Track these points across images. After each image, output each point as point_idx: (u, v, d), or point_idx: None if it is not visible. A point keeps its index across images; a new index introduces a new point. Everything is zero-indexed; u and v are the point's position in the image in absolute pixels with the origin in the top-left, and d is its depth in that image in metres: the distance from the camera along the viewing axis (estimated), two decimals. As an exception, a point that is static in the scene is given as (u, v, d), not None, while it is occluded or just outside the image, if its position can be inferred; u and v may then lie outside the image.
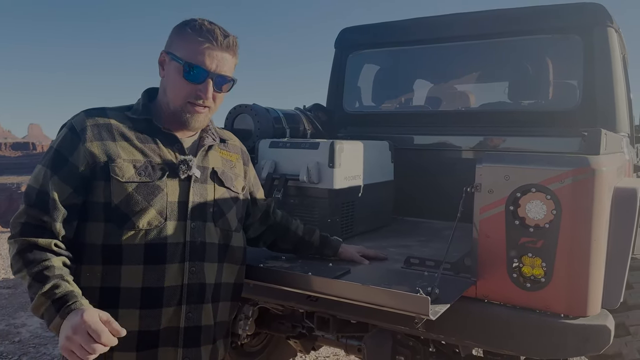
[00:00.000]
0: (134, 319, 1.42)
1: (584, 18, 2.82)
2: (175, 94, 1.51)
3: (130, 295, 1.42)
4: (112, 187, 1.41)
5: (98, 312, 1.25)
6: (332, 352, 4.13)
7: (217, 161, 1.64)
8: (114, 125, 1.48)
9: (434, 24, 3.30)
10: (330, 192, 2.35)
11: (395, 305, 1.50)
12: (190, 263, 1.48)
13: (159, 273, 1.44)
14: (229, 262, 1.62)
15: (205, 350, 1.54)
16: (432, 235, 2.62)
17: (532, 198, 1.62)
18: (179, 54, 1.48)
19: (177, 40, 1.51)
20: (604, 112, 2.73)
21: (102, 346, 1.21)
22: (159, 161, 1.49)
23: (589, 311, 1.61)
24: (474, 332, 1.75)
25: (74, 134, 1.44)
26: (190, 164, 1.51)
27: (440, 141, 3.10)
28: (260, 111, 2.79)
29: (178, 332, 1.47)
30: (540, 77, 3.07)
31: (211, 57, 1.48)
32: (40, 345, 4.29)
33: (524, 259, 1.65)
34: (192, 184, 1.52)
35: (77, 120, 1.47)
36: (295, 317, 2.58)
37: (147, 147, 1.49)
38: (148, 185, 1.44)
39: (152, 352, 1.45)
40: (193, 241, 1.49)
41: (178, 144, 1.54)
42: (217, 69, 1.50)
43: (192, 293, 1.49)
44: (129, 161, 1.44)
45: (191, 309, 1.48)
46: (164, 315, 1.45)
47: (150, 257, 1.42)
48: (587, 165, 1.58)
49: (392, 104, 3.72)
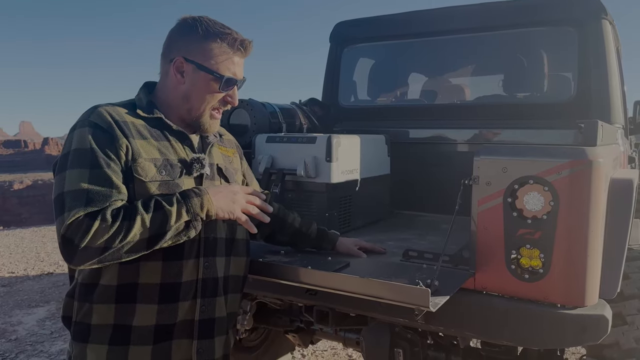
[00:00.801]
0: (152, 313, 1.44)
1: (578, 10, 2.83)
2: (205, 104, 1.54)
3: (148, 290, 1.43)
4: (136, 187, 1.39)
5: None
6: (329, 346, 4.14)
7: (219, 157, 1.67)
8: (130, 122, 1.46)
9: (429, 17, 3.30)
10: (328, 186, 2.35)
11: (395, 298, 1.51)
12: (205, 258, 1.52)
13: (177, 269, 1.46)
14: (235, 255, 1.65)
15: (219, 341, 1.57)
16: (430, 229, 2.64)
17: (530, 190, 1.63)
18: (209, 65, 1.50)
19: (203, 49, 1.50)
20: (598, 104, 2.74)
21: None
22: (175, 159, 1.50)
23: (586, 301, 1.62)
24: (472, 323, 1.76)
25: (102, 131, 1.38)
26: (204, 162, 1.54)
27: (436, 134, 3.11)
28: (257, 106, 2.78)
29: (193, 324, 1.50)
30: (535, 69, 3.08)
31: (239, 66, 1.56)
32: (37, 342, 4.29)
33: (522, 251, 1.66)
34: (204, 181, 1.55)
35: (98, 117, 1.40)
36: (294, 311, 2.59)
37: (162, 145, 1.49)
38: (169, 183, 1.45)
39: (167, 344, 1.47)
40: (207, 237, 1.52)
41: (188, 141, 1.56)
42: (241, 75, 1.58)
43: (206, 287, 1.52)
44: (149, 160, 1.43)
45: (205, 302, 1.52)
46: (180, 310, 1.47)
47: (169, 254, 1.43)
48: (585, 156, 1.59)
49: (388, 97, 3.72)
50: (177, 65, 1.51)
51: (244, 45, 1.54)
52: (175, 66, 1.51)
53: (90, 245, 1.26)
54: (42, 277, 6.35)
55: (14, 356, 4.04)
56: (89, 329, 1.44)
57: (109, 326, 1.43)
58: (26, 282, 6.08)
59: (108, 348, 1.42)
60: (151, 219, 1.31)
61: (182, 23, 1.53)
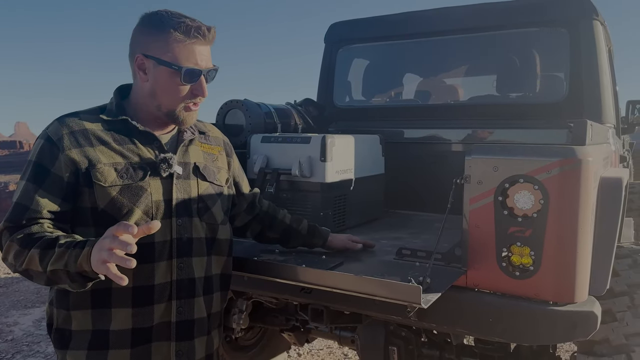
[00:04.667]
0: (127, 317, 1.43)
1: (570, 11, 2.87)
2: (173, 98, 1.49)
3: (122, 294, 1.43)
4: (96, 192, 1.40)
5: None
6: (325, 345, 4.17)
7: (199, 156, 1.62)
8: (89, 129, 1.46)
9: (423, 18, 3.32)
10: (323, 186, 2.37)
11: (388, 295, 1.53)
12: (178, 260, 1.49)
13: (149, 271, 1.44)
14: (217, 254, 1.63)
15: (200, 342, 1.56)
16: (423, 227, 2.66)
17: (521, 188, 1.65)
18: (167, 58, 1.44)
19: (159, 43, 1.45)
20: (590, 104, 2.77)
21: (131, 240, 1.17)
22: (139, 161, 1.47)
23: (576, 298, 1.65)
24: (465, 321, 1.78)
25: (51, 144, 1.42)
26: (171, 162, 1.50)
27: (430, 134, 3.13)
28: (252, 106, 2.80)
29: (170, 326, 1.49)
30: (528, 70, 3.11)
31: (202, 55, 1.48)
32: (34, 343, 4.29)
33: (512, 248, 1.69)
34: (175, 181, 1.51)
35: (52, 130, 1.44)
36: (289, 310, 2.61)
37: (126, 148, 1.47)
38: (131, 187, 1.43)
39: (146, 347, 1.47)
40: (180, 238, 1.50)
41: (157, 141, 1.52)
42: (207, 64, 1.50)
43: (182, 288, 1.50)
44: (109, 165, 1.42)
45: (182, 303, 1.50)
46: (155, 312, 1.46)
47: (139, 257, 1.38)
48: (574, 155, 1.62)
49: (382, 98, 3.75)
50: (138, 64, 1.48)
51: (201, 31, 1.45)
52: (137, 64, 1.49)
53: (5, 258, 1.36)
54: (38, 277, 6.34)
55: (10, 356, 4.04)
56: (69, 335, 1.45)
57: (87, 332, 1.43)
58: (22, 282, 6.07)
59: (87, 353, 1.43)
60: (40, 255, 1.29)
61: (141, 19, 1.49)
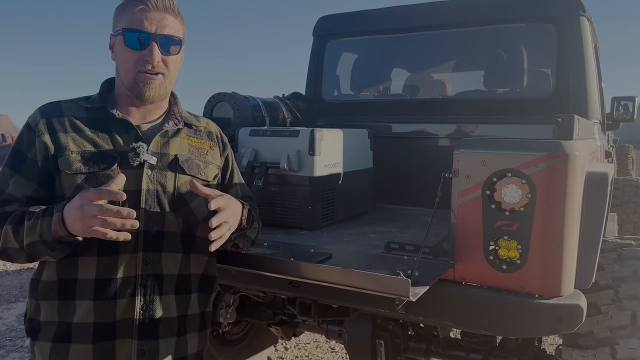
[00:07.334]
0: (89, 310, 1.39)
1: (557, 7, 2.89)
2: (125, 68, 1.45)
3: (85, 286, 1.39)
4: (62, 179, 1.39)
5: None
6: (312, 339, 4.17)
7: (183, 148, 1.55)
8: (66, 116, 1.46)
9: (411, 13, 3.33)
10: (311, 180, 2.37)
11: (376, 288, 1.53)
12: (144, 253, 1.43)
13: (112, 264, 1.40)
14: (196, 252, 1.55)
15: (167, 344, 1.48)
16: (411, 222, 2.67)
17: (508, 182, 1.66)
18: (118, 27, 1.45)
19: (117, 18, 1.47)
20: (576, 99, 2.80)
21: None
22: (111, 150, 1.43)
23: (562, 291, 1.66)
24: (452, 313, 1.79)
25: (29, 130, 1.44)
26: (138, 150, 1.44)
27: (417, 129, 3.14)
28: (240, 99, 2.79)
29: (132, 323, 1.42)
30: (515, 65, 3.13)
31: (149, 19, 1.43)
32: (17, 338, 4.24)
33: (500, 242, 1.70)
34: (147, 172, 1.45)
35: (32, 116, 1.47)
36: (276, 304, 2.61)
37: (100, 136, 1.45)
38: (97, 175, 1.39)
39: (109, 343, 1.41)
40: (147, 230, 1.43)
41: (134, 130, 1.47)
42: (158, 30, 1.43)
43: (147, 284, 1.43)
44: (77, 152, 1.41)
45: (146, 300, 1.43)
46: (118, 307, 1.41)
47: (103, 248, 1.38)
48: (561, 150, 1.63)
49: (371, 92, 3.75)
50: (110, 44, 1.51)
51: None
52: (109, 45, 1.51)
53: None
54: (22, 272, 6.27)
55: (-7, 351, 3.99)
56: (38, 326, 1.43)
57: (53, 323, 1.41)
58: (5, 277, 5.99)
59: (51, 345, 1.40)
60: (13, 230, 1.32)
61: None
